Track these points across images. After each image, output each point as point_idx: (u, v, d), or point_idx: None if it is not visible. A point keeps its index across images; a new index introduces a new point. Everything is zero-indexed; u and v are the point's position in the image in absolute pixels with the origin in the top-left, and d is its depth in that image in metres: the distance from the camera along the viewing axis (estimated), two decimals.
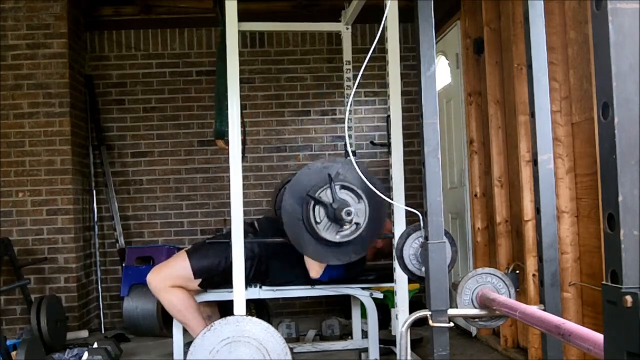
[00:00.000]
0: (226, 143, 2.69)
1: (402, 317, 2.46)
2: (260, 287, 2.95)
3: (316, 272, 2.82)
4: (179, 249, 3.87)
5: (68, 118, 4.39)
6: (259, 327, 2.52)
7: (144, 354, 3.80)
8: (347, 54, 3.50)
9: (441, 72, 4.35)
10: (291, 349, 2.71)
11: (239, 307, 2.57)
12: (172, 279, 2.86)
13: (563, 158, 2.73)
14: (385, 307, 3.52)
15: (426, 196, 1.53)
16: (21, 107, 4.38)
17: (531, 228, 2.95)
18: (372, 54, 1.90)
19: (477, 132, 3.76)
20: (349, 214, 2.37)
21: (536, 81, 1.55)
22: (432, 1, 1.57)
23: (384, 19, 1.90)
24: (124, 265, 4.44)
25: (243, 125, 2.98)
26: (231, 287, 2.60)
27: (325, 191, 2.47)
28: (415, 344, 3.55)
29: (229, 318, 2.54)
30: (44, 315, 3.66)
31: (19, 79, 4.39)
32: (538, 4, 1.57)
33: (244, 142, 2.81)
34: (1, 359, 2.97)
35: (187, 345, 2.57)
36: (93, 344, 3.38)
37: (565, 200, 2.73)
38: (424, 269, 1.58)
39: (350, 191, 2.49)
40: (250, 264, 2.91)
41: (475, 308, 1.59)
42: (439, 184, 1.54)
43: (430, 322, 1.51)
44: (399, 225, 2.53)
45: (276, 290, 2.96)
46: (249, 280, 2.90)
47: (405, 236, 1.78)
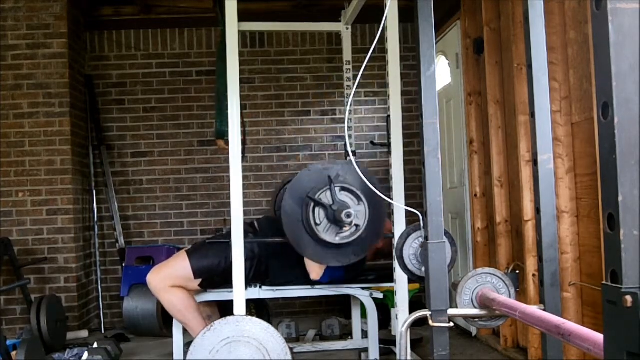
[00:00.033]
0: (226, 143, 2.69)
1: (402, 317, 2.46)
2: (260, 287, 2.95)
3: (316, 273, 2.82)
4: (179, 249, 3.87)
5: (68, 118, 4.39)
6: (259, 327, 2.52)
7: (144, 354, 3.80)
8: (347, 54, 3.51)
9: (441, 72, 4.35)
10: (291, 349, 2.71)
11: (239, 307, 2.57)
12: (172, 279, 2.86)
13: (563, 158, 2.73)
14: (385, 307, 3.52)
15: (426, 196, 1.54)
16: (21, 107, 4.39)
17: (531, 228, 2.95)
18: (372, 54, 1.90)
19: (477, 132, 3.76)
20: (348, 215, 2.38)
21: (536, 81, 1.55)
22: (432, 1, 1.57)
23: (384, 19, 1.90)
24: (124, 265, 4.44)
25: (243, 125, 2.99)
26: (231, 287, 2.60)
27: (325, 193, 2.47)
28: (415, 344, 3.55)
29: (229, 318, 2.54)
30: (44, 315, 3.66)
31: (19, 79, 4.39)
32: (538, 4, 1.57)
33: (244, 142, 2.82)
34: (1, 359, 2.97)
35: (187, 345, 2.57)
36: (93, 344, 3.38)
37: (565, 200, 2.73)
38: (424, 269, 1.58)
39: (350, 193, 2.49)
40: (250, 264, 2.91)
41: (475, 308, 1.59)
42: (439, 184, 1.54)
43: (430, 322, 1.52)
44: (399, 225, 2.53)
45: (276, 290, 2.96)
46: (249, 280, 2.90)
47: (405, 236, 1.79)
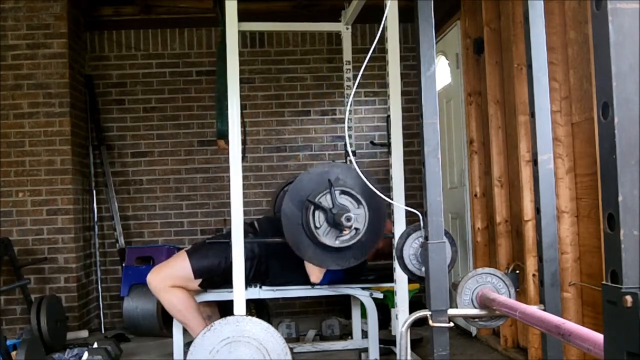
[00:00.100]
0: (227, 143, 2.69)
1: (402, 317, 2.46)
2: (260, 287, 2.95)
3: (316, 277, 2.83)
4: (179, 249, 3.87)
5: (68, 118, 4.39)
6: (259, 327, 2.52)
7: (144, 354, 3.80)
8: (347, 54, 3.51)
9: (441, 72, 4.35)
10: (291, 349, 2.71)
11: (239, 307, 2.57)
12: (172, 279, 2.86)
13: (563, 158, 2.73)
14: (385, 307, 3.52)
15: (426, 196, 1.53)
16: (21, 107, 4.39)
17: (531, 228, 2.95)
18: (372, 54, 1.90)
19: (477, 132, 3.76)
20: (348, 219, 2.37)
21: (536, 81, 1.55)
22: (432, 1, 1.57)
23: (384, 19, 1.90)
24: (124, 265, 4.44)
25: (243, 125, 2.98)
26: (231, 287, 2.60)
27: (325, 196, 2.47)
28: (415, 344, 3.55)
29: (229, 318, 2.54)
30: (44, 315, 3.66)
31: (19, 79, 4.39)
32: (538, 4, 1.57)
33: (244, 142, 2.82)
34: (1, 359, 2.97)
35: (187, 345, 2.57)
36: (93, 344, 3.38)
37: (565, 200, 2.73)
38: (424, 269, 1.58)
39: (350, 196, 2.49)
40: (250, 264, 2.91)
41: (475, 308, 1.59)
42: (439, 184, 1.54)
43: (430, 322, 1.51)
44: (399, 225, 2.53)
45: (276, 290, 2.96)
46: (249, 280, 2.90)
47: (405, 236, 1.79)
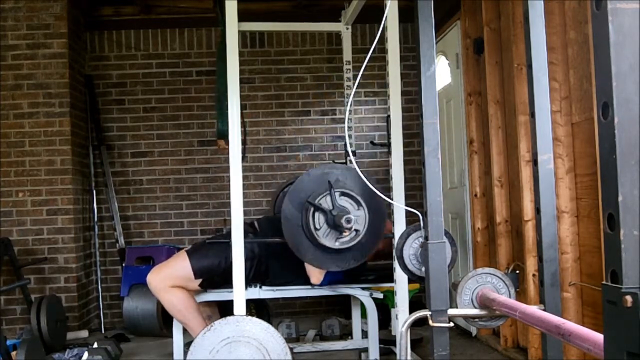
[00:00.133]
0: (227, 143, 2.69)
1: (402, 317, 2.46)
2: (260, 287, 2.95)
3: (317, 278, 2.83)
4: (179, 249, 3.87)
5: (68, 118, 4.39)
6: (259, 327, 2.52)
7: (144, 354, 3.80)
8: (347, 54, 3.51)
9: (441, 72, 4.35)
10: (291, 349, 2.71)
11: (239, 307, 2.57)
12: (172, 279, 2.86)
13: (563, 158, 2.73)
14: (385, 307, 3.52)
15: (426, 196, 1.53)
16: (21, 107, 4.39)
17: (531, 228, 2.95)
18: (372, 54, 1.90)
19: (477, 132, 3.76)
20: (348, 221, 2.37)
21: (536, 81, 1.55)
22: (432, 1, 1.57)
23: (384, 19, 1.90)
24: (124, 265, 4.44)
25: (243, 125, 2.98)
26: (231, 287, 2.60)
27: (325, 198, 2.46)
28: (415, 344, 3.55)
29: (229, 318, 2.54)
30: (44, 315, 3.66)
31: (19, 79, 4.39)
32: (538, 4, 1.57)
33: (244, 142, 2.81)
34: (1, 359, 2.97)
35: (187, 345, 2.57)
36: (93, 344, 3.38)
37: (565, 200, 2.73)
38: (424, 269, 1.58)
39: (349, 198, 2.49)
40: (250, 264, 2.90)
41: (475, 308, 1.59)
42: (439, 184, 1.54)
43: (430, 322, 1.51)
44: (399, 225, 2.53)
45: (276, 290, 2.96)
46: (249, 280, 2.90)
47: (405, 236, 1.79)
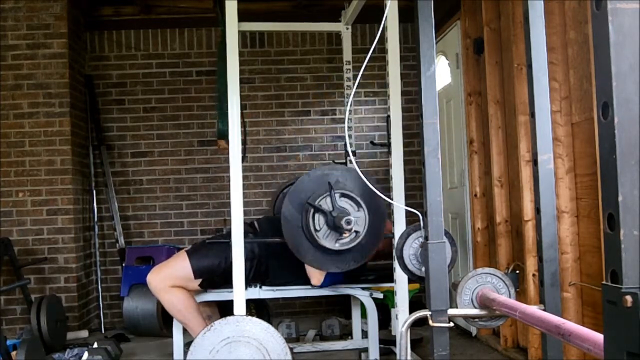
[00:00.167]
0: (227, 143, 2.69)
1: (402, 317, 2.46)
2: (260, 287, 2.95)
3: (317, 279, 2.83)
4: (179, 249, 3.87)
5: (68, 118, 4.39)
6: (259, 327, 2.52)
7: (144, 354, 3.80)
8: (347, 54, 3.51)
9: (441, 72, 4.35)
10: (291, 349, 2.71)
11: (239, 307, 2.57)
12: (172, 279, 2.86)
13: (563, 158, 2.73)
14: (385, 307, 3.52)
15: (426, 196, 1.53)
16: (21, 107, 4.38)
17: (531, 228, 2.95)
18: (372, 54, 1.90)
19: (477, 132, 3.76)
20: (348, 222, 2.37)
21: (536, 81, 1.55)
22: (432, 1, 1.57)
23: (384, 19, 1.90)
24: (124, 265, 4.44)
25: (243, 125, 2.98)
26: (231, 287, 2.60)
27: (325, 199, 2.46)
28: (415, 344, 3.55)
29: (229, 318, 2.54)
30: (44, 315, 3.66)
31: (19, 79, 4.39)
32: (538, 4, 1.57)
33: (244, 142, 2.81)
34: (1, 359, 2.97)
35: (187, 345, 2.57)
36: (93, 344, 3.38)
37: (565, 200, 2.73)
38: (424, 269, 1.58)
39: (349, 199, 2.49)
40: (250, 264, 2.90)
41: (475, 308, 1.59)
42: (439, 184, 1.54)
43: (430, 322, 1.51)
44: (399, 225, 2.53)
45: (276, 290, 2.96)
46: (249, 280, 2.90)
47: (405, 236, 1.79)
